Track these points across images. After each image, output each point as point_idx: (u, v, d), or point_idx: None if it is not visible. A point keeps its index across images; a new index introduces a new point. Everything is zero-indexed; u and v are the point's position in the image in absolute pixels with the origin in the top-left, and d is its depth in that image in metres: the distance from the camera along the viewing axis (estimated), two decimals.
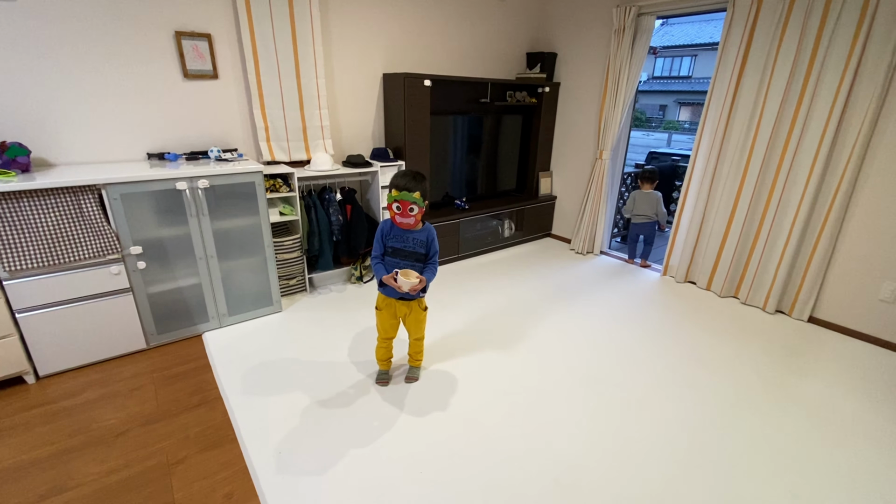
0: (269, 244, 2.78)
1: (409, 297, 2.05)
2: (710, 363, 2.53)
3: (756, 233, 3.19)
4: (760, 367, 2.51)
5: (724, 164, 3.26)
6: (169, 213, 2.41)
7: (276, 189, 2.93)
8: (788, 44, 2.82)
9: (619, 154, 4.04)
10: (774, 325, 2.98)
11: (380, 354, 2.27)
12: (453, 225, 3.80)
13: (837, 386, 2.36)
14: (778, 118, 2.93)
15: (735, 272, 3.32)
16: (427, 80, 3.31)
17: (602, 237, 4.20)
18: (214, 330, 2.73)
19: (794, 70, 2.82)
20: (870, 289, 2.77)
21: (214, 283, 2.65)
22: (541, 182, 4.50)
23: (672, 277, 3.72)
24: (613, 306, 3.20)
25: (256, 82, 2.88)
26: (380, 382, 2.26)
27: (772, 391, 2.30)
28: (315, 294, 3.24)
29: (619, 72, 3.66)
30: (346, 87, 3.36)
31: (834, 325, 2.94)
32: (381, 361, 2.29)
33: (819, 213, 2.88)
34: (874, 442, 1.98)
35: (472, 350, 2.59)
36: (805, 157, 2.87)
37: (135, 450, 1.86)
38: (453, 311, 3.05)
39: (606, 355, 2.59)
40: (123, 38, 2.48)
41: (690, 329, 2.90)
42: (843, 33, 2.61)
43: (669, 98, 21.09)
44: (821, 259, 2.89)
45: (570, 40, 4.11)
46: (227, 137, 2.94)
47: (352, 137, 3.50)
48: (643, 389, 2.29)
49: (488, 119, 4.07)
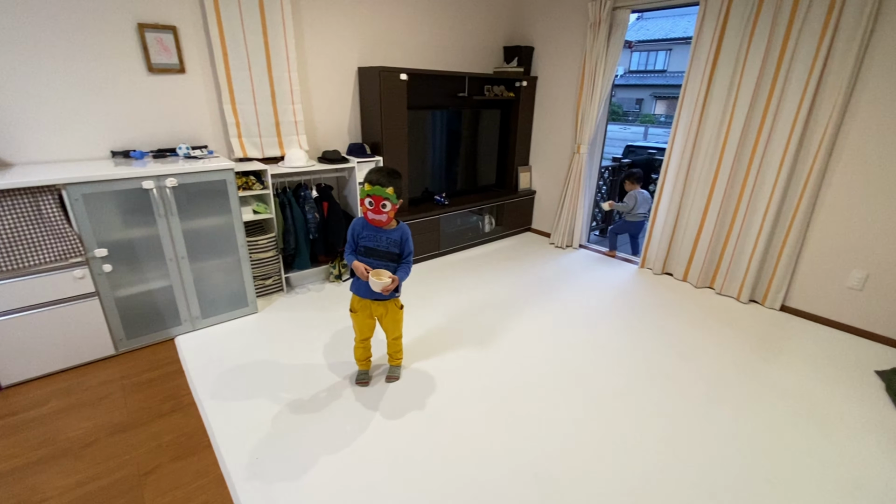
0: (243, 244, 2.70)
1: (382, 297, 2.02)
2: (687, 354, 2.57)
3: (730, 224, 3.25)
4: (735, 356, 2.56)
5: (698, 157, 3.31)
6: (136, 214, 2.32)
7: (248, 187, 2.85)
8: (759, 38, 2.86)
9: (596, 148, 4.07)
10: (748, 315, 3.05)
11: (358, 355, 2.23)
12: (433, 221, 3.77)
13: (809, 373, 2.43)
14: (750, 111, 2.98)
15: (710, 263, 3.39)
16: (403, 73, 3.26)
17: (581, 231, 4.23)
18: (187, 333, 2.65)
19: (765, 64, 2.87)
20: (838, 277, 2.85)
21: (186, 284, 2.56)
22: (520, 177, 4.50)
23: (650, 269, 3.77)
24: (592, 299, 3.23)
25: (226, 76, 2.78)
26: (360, 383, 2.23)
27: (746, 380, 2.35)
28: (292, 294, 3.18)
29: (596, 65, 3.67)
30: (321, 81, 3.28)
31: (805, 313, 3.03)
32: (360, 362, 2.25)
33: (789, 204, 2.95)
34: (845, 427, 2.04)
35: (453, 347, 2.58)
36: (776, 150, 2.94)
37: (104, 461, 1.78)
38: (433, 308, 3.03)
39: (585, 348, 2.60)
40: (82, 30, 2.35)
41: (667, 320, 2.95)
42: (812, 27, 2.66)
43: (645, 92, 21.39)
44: (791, 249, 2.96)
45: (546, 34, 4.10)
46: (196, 134, 2.84)
47: (327, 133, 3.43)
48: (622, 381, 2.31)
49: (466, 113, 4.04)
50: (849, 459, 1.85)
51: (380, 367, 2.37)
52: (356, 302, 2.08)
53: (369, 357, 2.27)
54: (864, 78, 2.56)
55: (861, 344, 2.73)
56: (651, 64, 21.47)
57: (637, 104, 21.89)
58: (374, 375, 2.30)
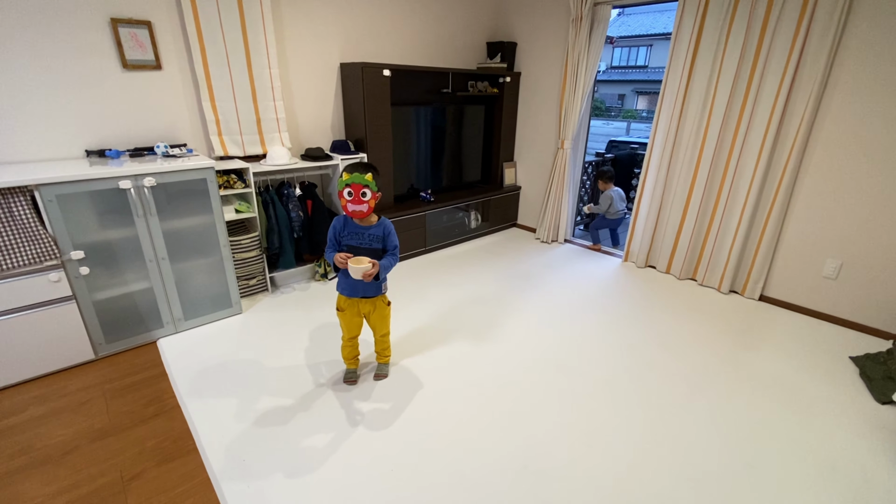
0: (225, 243, 2.66)
1: (369, 293, 2.01)
2: (670, 344, 2.62)
3: (710, 217, 3.31)
4: (717, 346, 2.62)
5: (679, 152, 3.36)
6: (113, 215, 2.26)
7: (230, 185, 2.80)
8: (736, 33, 2.91)
9: (579, 143, 4.10)
10: (729, 305, 3.12)
11: (346, 353, 2.22)
12: (419, 217, 3.76)
13: (787, 361, 2.50)
14: (728, 106, 3.04)
15: (692, 255, 3.45)
16: (386, 69, 3.23)
17: (566, 225, 4.27)
18: (170, 336, 2.60)
19: (742, 59, 2.92)
20: (813, 267, 2.93)
21: (167, 286, 2.51)
22: (505, 172, 4.52)
23: (633, 262, 3.83)
24: (577, 293, 3.26)
25: (204, 73, 2.72)
26: (348, 381, 2.22)
27: (727, 369, 2.41)
28: (277, 293, 3.14)
29: (578, 61, 3.70)
30: (302, 77, 3.23)
31: (783, 302, 3.11)
32: (348, 360, 2.24)
33: (767, 196, 3.02)
34: (822, 412, 2.10)
35: (439, 343, 2.58)
36: (753, 144, 3.00)
37: (85, 467, 1.74)
38: (420, 305, 3.02)
39: (571, 341, 2.63)
40: (52, 25, 2.28)
41: (651, 311, 3.00)
42: (787, 22, 2.72)
43: (628, 87, 21.60)
44: (769, 240, 3.03)
45: (529, 30, 4.12)
46: (174, 132, 2.78)
47: (310, 130, 3.39)
48: (607, 372, 2.35)
49: (451, 109, 4.04)
50: (826, 443, 1.91)
51: (367, 365, 2.36)
52: (343, 301, 2.06)
53: (357, 355, 2.26)
54: (837, 73, 2.63)
55: (835, 331, 2.82)
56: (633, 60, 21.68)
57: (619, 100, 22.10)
58: (361, 374, 2.29)
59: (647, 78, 21.00)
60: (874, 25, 2.47)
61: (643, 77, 21.16)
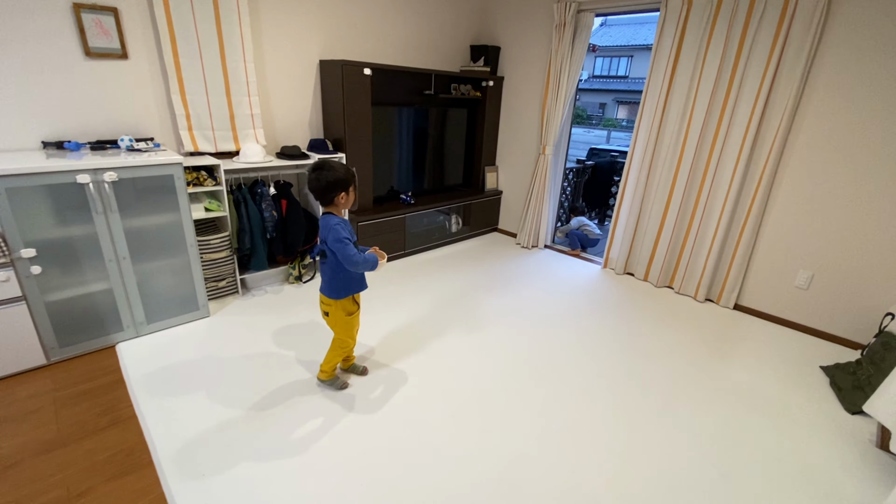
0: (193, 243, 2.53)
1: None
2: (647, 353, 2.62)
3: (688, 225, 3.34)
4: (692, 355, 2.63)
5: (658, 161, 3.39)
6: (70, 211, 2.12)
7: (200, 183, 2.68)
8: (716, 44, 2.95)
9: (561, 149, 4.10)
10: (704, 314, 3.15)
11: (342, 358, 2.17)
12: (399, 220, 3.69)
13: (760, 370, 2.52)
14: (706, 116, 3.07)
15: (669, 264, 3.47)
16: (367, 68, 3.16)
17: (546, 231, 4.26)
18: (130, 340, 2.46)
19: (721, 69, 2.96)
20: (787, 277, 2.98)
21: (128, 287, 2.38)
22: (487, 176, 4.49)
23: (612, 269, 3.84)
24: (557, 300, 3.24)
25: (174, 64, 2.60)
26: (344, 386, 2.18)
27: (702, 378, 2.41)
28: (248, 296, 3.02)
29: (561, 67, 3.70)
30: (280, 72, 3.13)
31: (757, 311, 3.15)
32: (344, 362, 2.24)
33: (742, 206, 3.06)
34: (794, 421, 2.12)
35: (415, 349, 2.51)
36: (730, 154, 3.04)
37: (28, 483, 1.61)
38: (396, 310, 2.95)
39: (549, 349, 2.60)
40: (10, 9, 2.13)
41: (630, 319, 2.99)
42: (765, 33, 2.76)
43: (608, 96, 21.98)
44: (744, 250, 3.07)
45: (513, 34, 4.10)
46: (140, 125, 2.65)
47: (287, 127, 3.28)
48: (585, 381, 2.32)
49: (433, 112, 3.98)
50: (798, 453, 1.92)
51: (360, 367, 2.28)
52: (356, 299, 2.04)
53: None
54: (811, 86, 2.68)
55: (807, 341, 2.86)
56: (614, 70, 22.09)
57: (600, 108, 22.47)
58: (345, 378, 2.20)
59: (627, 88, 21.43)
60: (848, 42, 2.53)
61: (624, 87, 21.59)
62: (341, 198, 1.80)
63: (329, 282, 1.93)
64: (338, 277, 1.92)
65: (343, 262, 1.81)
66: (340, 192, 1.79)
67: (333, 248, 1.81)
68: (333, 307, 1.97)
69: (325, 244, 1.85)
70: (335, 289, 1.94)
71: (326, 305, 1.98)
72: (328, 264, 1.90)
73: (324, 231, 1.83)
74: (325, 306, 1.99)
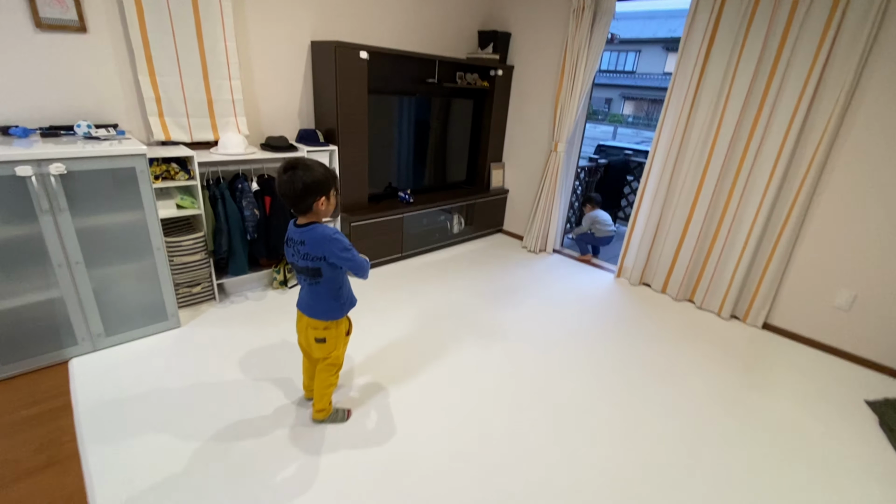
0: (160, 245, 2.23)
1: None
2: (666, 376, 2.33)
3: (714, 236, 3.04)
4: (718, 381, 2.34)
5: (683, 163, 3.07)
6: (9, 209, 1.81)
7: (170, 176, 2.37)
8: (755, 37, 2.62)
9: (574, 146, 3.78)
10: (730, 333, 2.85)
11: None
12: (396, 220, 3.38)
13: (796, 403, 2.23)
14: (740, 117, 2.75)
15: (691, 276, 3.17)
16: (363, 51, 2.83)
17: (555, 235, 3.95)
18: (86, 355, 2.16)
19: (760, 66, 2.63)
20: (825, 296, 2.68)
21: (83, 295, 2.07)
22: (493, 174, 4.17)
23: (626, 279, 3.54)
24: (566, 312, 2.94)
25: (142, 40, 2.27)
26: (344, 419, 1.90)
27: (730, 410, 2.12)
28: (227, 303, 2.72)
29: (578, 57, 3.37)
30: (266, 53, 2.80)
31: (788, 332, 2.86)
32: (307, 391, 1.95)
33: (778, 217, 2.75)
34: (840, 468, 1.83)
35: (410, 366, 2.22)
36: (766, 160, 2.72)
37: None
38: (390, 320, 2.65)
39: (556, 368, 2.32)
40: None
41: (647, 338, 2.70)
42: (811, 31, 2.44)
43: (615, 92, 21.57)
44: (777, 265, 2.77)
45: (525, 19, 3.76)
46: (104, 109, 2.33)
47: (273, 116, 2.96)
48: (594, 407, 2.04)
49: (436, 102, 3.66)
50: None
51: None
52: (346, 318, 1.76)
53: None
54: (864, 89, 2.37)
55: (848, 369, 2.57)
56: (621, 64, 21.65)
57: (606, 104, 22.07)
58: None
59: (634, 83, 21.02)
60: None
61: (630, 82, 21.18)
62: (321, 204, 1.49)
63: (329, 303, 1.63)
64: (340, 294, 1.64)
65: (356, 272, 1.57)
66: (320, 196, 1.47)
67: (341, 262, 1.52)
68: (332, 330, 1.68)
69: (320, 261, 1.53)
70: (335, 309, 1.65)
71: (323, 330, 1.67)
72: (325, 284, 1.59)
73: (317, 245, 1.50)
74: (319, 331, 1.67)
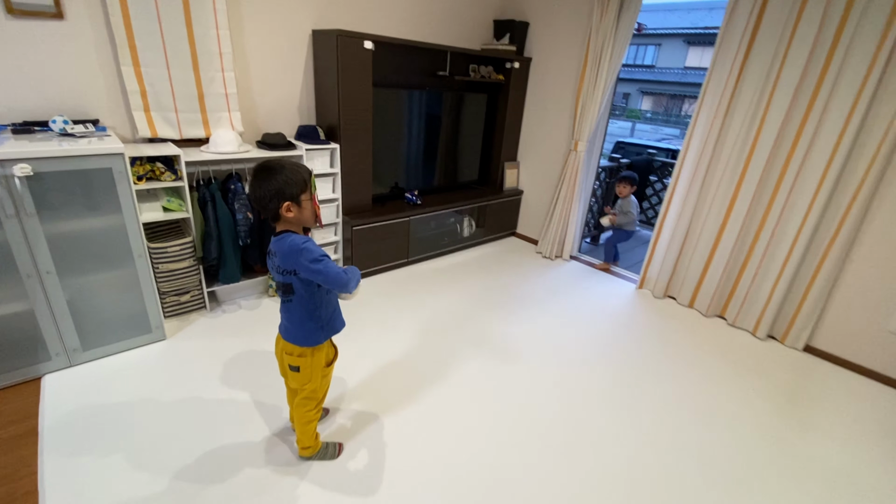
0: (142, 253, 2.04)
1: None
2: (703, 412, 2.07)
3: (750, 247, 2.75)
4: (759, 415, 2.08)
5: (717, 168, 2.79)
6: None
7: (156, 176, 2.18)
8: (804, 31, 2.32)
9: (595, 146, 3.51)
10: (767, 355, 2.58)
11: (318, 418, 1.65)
12: (402, 223, 3.16)
13: (851, 443, 1.96)
14: (786, 117, 2.46)
15: (723, 290, 2.90)
16: (368, 41, 2.60)
17: (573, 240, 3.69)
18: (61, 371, 1.99)
19: (810, 63, 2.34)
20: (878, 318, 2.39)
21: (55, 307, 1.90)
22: (506, 174, 3.92)
23: (649, 291, 3.27)
24: (584, 327, 2.70)
25: (124, 28, 2.08)
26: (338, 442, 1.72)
27: (774, 453, 1.87)
28: (217, 312, 2.53)
29: (602, 49, 3.09)
30: (263, 43, 2.59)
31: (834, 357, 2.57)
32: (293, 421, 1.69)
33: (826, 229, 2.46)
34: None
35: (411, 386, 2.01)
36: (814, 167, 2.43)
37: None
38: (390, 335, 2.44)
39: (571, 397, 2.08)
40: None
41: (675, 360, 2.45)
42: (872, 22, 2.14)
43: (633, 86, 21.01)
44: (824, 282, 2.49)
45: (545, 7, 3.48)
46: (84, 103, 2.14)
47: (270, 111, 2.75)
48: (617, 444, 1.79)
49: (447, 96, 3.41)
50: None
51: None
52: (331, 346, 1.57)
53: None
54: None
55: None
56: (640, 58, 21.07)
57: (624, 98, 21.52)
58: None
59: (653, 78, 20.46)
60: None
61: (650, 77, 20.61)
62: (287, 209, 1.27)
63: (301, 324, 1.42)
64: (316, 315, 1.42)
65: (331, 285, 1.33)
66: (283, 201, 1.26)
67: (310, 275, 1.29)
68: (307, 358, 1.46)
69: (291, 275, 1.33)
70: (310, 332, 1.43)
71: (297, 357, 1.46)
72: (297, 302, 1.38)
73: (285, 258, 1.30)
74: (293, 358, 1.47)
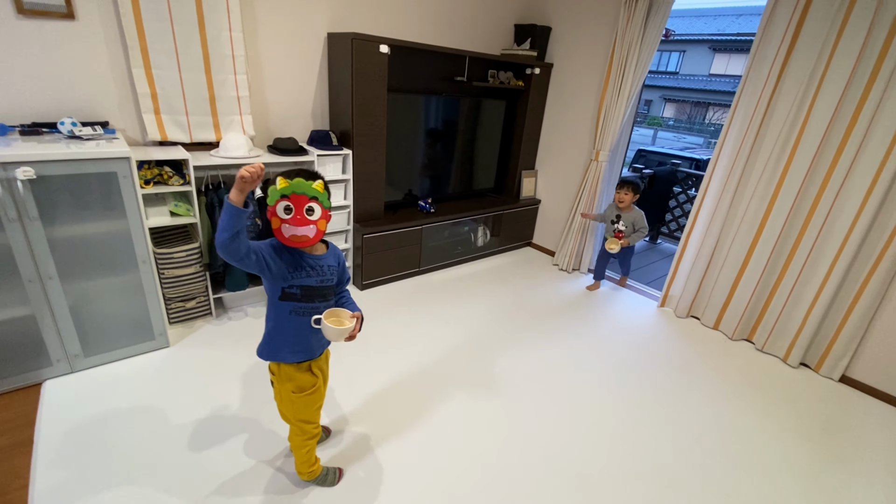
0: (146, 258, 1.99)
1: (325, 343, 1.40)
2: (734, 452, 1.92)
3: (783, 268, 2.59)
4: (793, 453, 1.92)
5: (749, 182, 2.63)
6: None
7: (163, 180, 2.13)
8: (850, 38, 2.16)
9: (617, 156, 3.37)
10: (800, 385, 2.41)
11: (314, 446, 1.53)
12: (415, 232, 3.07)
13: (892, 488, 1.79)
14: (827, 133, 2.30)
15: (752, 313, 2.73)
16: (384, 45, 2.53)
17: (592, 254, 3.55)
18: (62, 377, 1.95)
19: (855, 74, 2.18)
20: None
21: (57, 313, 1.86)
22: (524, 182, 3.80)
23: (671, 310, 3.11)
24: (603, 349, 2.56)
25: (136, 29, 2.04)
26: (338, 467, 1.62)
27: (814, 499, 1.71)
28: (223, 319, 2.48)
29: (627, 54, 2.96)
30: (276, 46, 2.53)
31: (872, 389, 2.39)
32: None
33: (869, 251, 2.29)
34: None
35: (413, 416, 1.90)
36: (857, 185, 2.26)
37: None
38: (400, 348, 2.35)
39: (590, 421, 1.95)
40: None
41: (701, 388, 2.30)
42: None
43: (656, 93, 20.65)
44: (865, 308, 2.31)
45: (568, 11, 3.37)
46: (93, 105, 2.11)
47: (283, 115, 2.70)
48: (638, 477, 1.66)
49: (464, 102, 3.32)
50: None
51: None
52: (304, 374, 1.36)
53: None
54: None
55: None
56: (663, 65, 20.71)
57: (645, 105, 21.18)
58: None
59: (677, 85, 20.09)
60: None
61: (673, 83, 20.25)
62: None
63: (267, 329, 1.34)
64: (267, 327, 1.34)
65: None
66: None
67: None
68: (276, 375, 1.38)
69: None
70: (262, 340, 1.35)
71: (271, 371, 1.40)
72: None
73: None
74: (270, 371, 1.41)
